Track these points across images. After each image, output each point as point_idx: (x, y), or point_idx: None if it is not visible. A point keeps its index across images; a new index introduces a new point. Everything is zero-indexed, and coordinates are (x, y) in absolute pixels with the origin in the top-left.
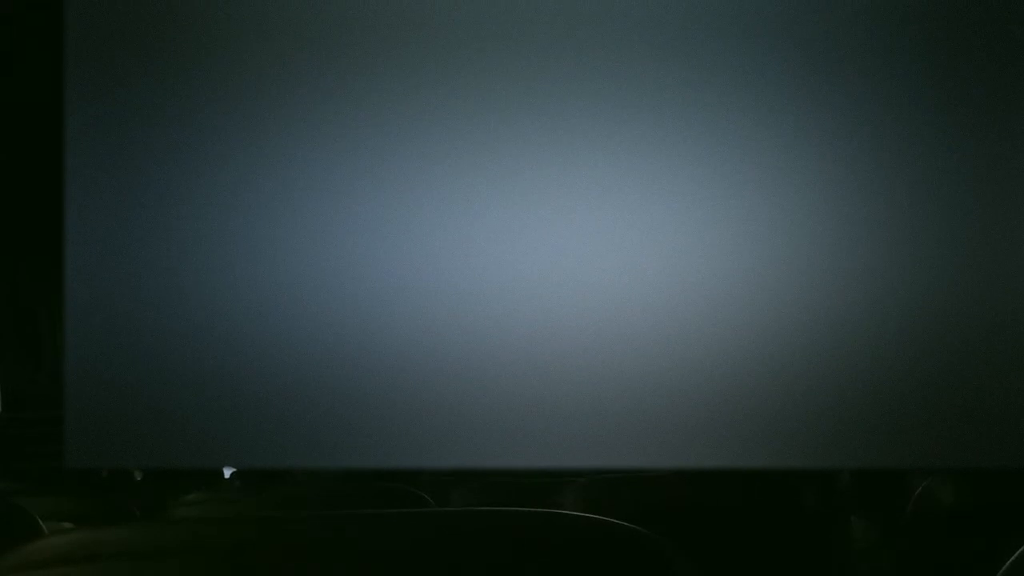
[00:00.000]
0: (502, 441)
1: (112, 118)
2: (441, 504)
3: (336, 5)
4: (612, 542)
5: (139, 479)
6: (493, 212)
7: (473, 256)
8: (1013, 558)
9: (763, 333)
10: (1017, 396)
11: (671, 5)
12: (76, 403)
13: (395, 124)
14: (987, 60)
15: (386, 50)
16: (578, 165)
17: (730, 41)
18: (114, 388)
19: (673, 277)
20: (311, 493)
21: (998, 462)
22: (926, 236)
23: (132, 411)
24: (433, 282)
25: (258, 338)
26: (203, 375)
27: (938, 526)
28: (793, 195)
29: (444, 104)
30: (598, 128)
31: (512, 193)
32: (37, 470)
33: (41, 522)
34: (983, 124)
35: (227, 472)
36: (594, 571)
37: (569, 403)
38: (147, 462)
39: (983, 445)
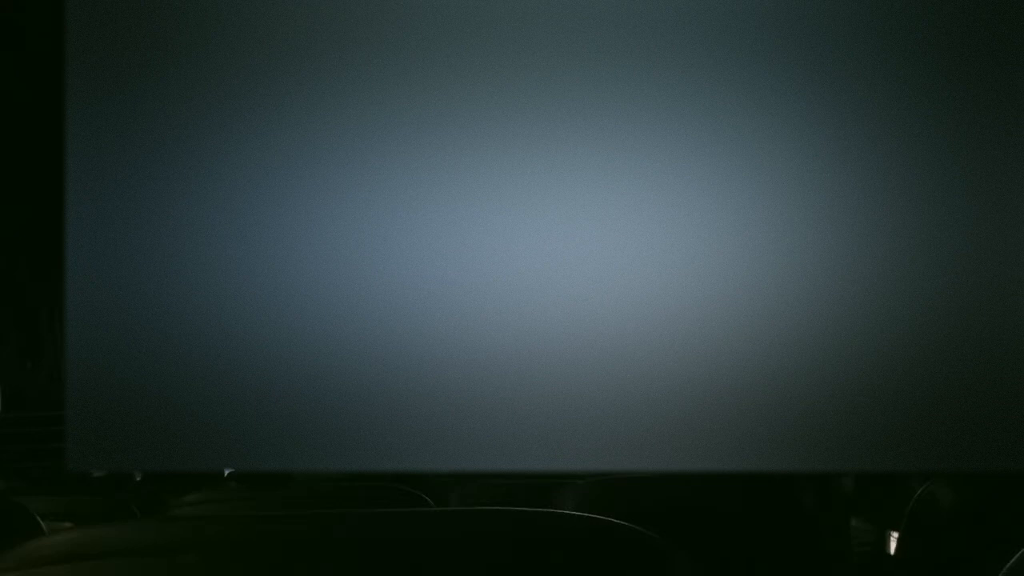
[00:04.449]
0: (502, 444)
1: (113, 116)
2: (440, 505)
3: (339, 7)
4: (612, 542)
5: (139, 479)
6: (492, 216)
7: (473, 260)
8: (1013, 560)
9: (762, 336)
10: (1017, 399)
11: (672, 6)
12: (77, 406)
13: (398, 127)
14: (990, 62)
15: (387, 53)
16: (581, 168)
17: (730, 44)
18: (116, 391)
19: (673, 281)
20: (310, 493)
21: (998, 465)
22: (926, 239)
23: (134, 414)
24: (432, 286)
25: (260, 341)
26: (205, 378)
27: (938, 529)
28: (793, 198)
29: (446, 107)
30: (599, 130)
31: (513, 196)
32: (37, 469)
33: (41, 521)
34: (980, 128)
35: (226, 472)
36: (594, 571)
37: (570, 406)
38: (150, 466)
39: (983, 448)
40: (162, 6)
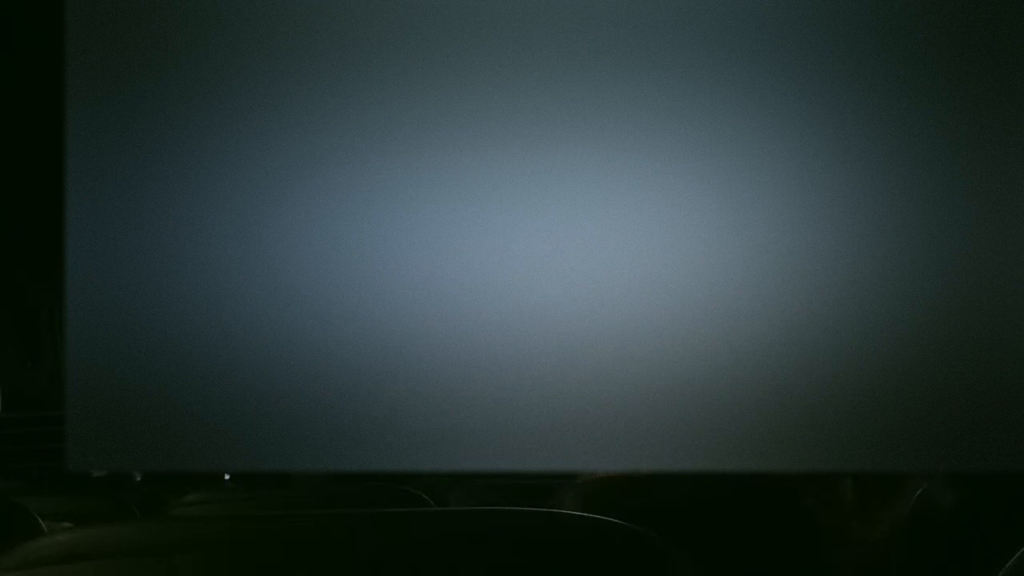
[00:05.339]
0: (502, 444)
1: (113, 116)
2: (440, 505)
3: (339, 7)
4: (612, 542)
5: (139, 479)
6: (492, 216)
7: (473, 260)
8: (1013, 560)
9: (763, 336)
10: (1018, 399)
11: (672, 5)
12: (77, 406)
13: (399, 127)
14: (990, 62)
15: (387, 53)
16: (581, 168)
17: (730, 44)
18: (116, 391)
19: (673, 281)
20: (310, 493)
21: (998, 465)
22: (926, 239)
23: (134, 414)
24: (432, 286)
25: (261, 341)
26: (206, 378)
27: (938, 529)
28: (793, 197)
29: (447, 107)
30: (598, 130)
31: (513, 196)
32: (37, 469)
33: (41, 521)
34: (980, 128)
35: (226, 476)
36: (594, 571)
37: (570, 406)
38: (150, 466)
39: (983, 448)
40: (162, 6)
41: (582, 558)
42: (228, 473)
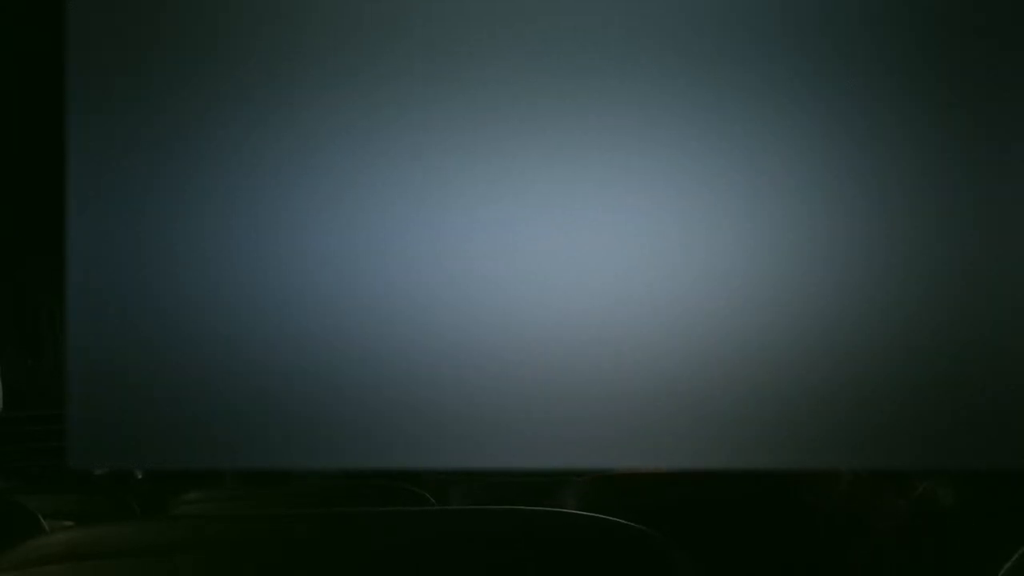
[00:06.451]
0: (503, 442)
1: (114, 116)
2: (442, 504)
3: (340, 7)
4: (616, 541)
5: (140, 476)
6: (493, 212)
7: (474, 256)
8: (1013, 559)
9: (764, 335)
10: (1019, 398)
11: (673, 4)
12: (78, 403)
13: (396, 126)
14: (992, 63)
15: (388, 54)
16: (583, 167)
17: (728, 39)
18: (117, 389)
19: (673, 277)
20: (311, 492)
21: (999, 464)
22: (927, 239)
23: (135, 412)
24: (433, 283)
25: (262, 339)
26: (207, 376)
27: (937, 527)
28: (794, 200)
29: (443, 105)
30: (598, 128)
31: (513, 193)
32: (38, 467)
33: (42, 520)
34: (981, 127)
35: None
36: (598, 570)
37: (570, 404)
38: (151, 463)
39: (984, 447)
40: (162, 6)
41: (584, 557)
42: (229, 471)
